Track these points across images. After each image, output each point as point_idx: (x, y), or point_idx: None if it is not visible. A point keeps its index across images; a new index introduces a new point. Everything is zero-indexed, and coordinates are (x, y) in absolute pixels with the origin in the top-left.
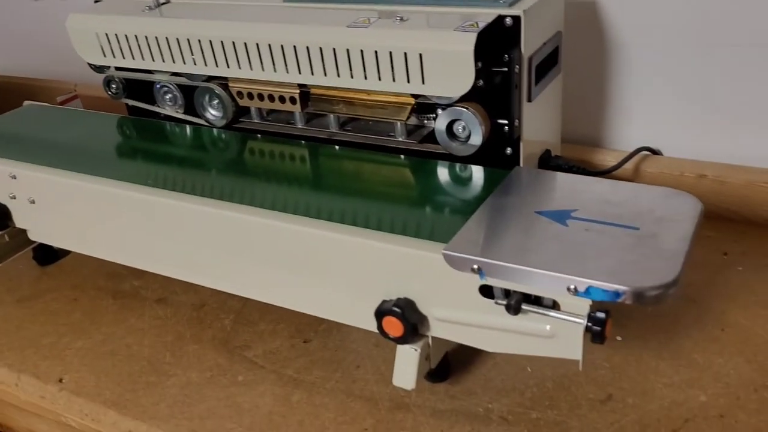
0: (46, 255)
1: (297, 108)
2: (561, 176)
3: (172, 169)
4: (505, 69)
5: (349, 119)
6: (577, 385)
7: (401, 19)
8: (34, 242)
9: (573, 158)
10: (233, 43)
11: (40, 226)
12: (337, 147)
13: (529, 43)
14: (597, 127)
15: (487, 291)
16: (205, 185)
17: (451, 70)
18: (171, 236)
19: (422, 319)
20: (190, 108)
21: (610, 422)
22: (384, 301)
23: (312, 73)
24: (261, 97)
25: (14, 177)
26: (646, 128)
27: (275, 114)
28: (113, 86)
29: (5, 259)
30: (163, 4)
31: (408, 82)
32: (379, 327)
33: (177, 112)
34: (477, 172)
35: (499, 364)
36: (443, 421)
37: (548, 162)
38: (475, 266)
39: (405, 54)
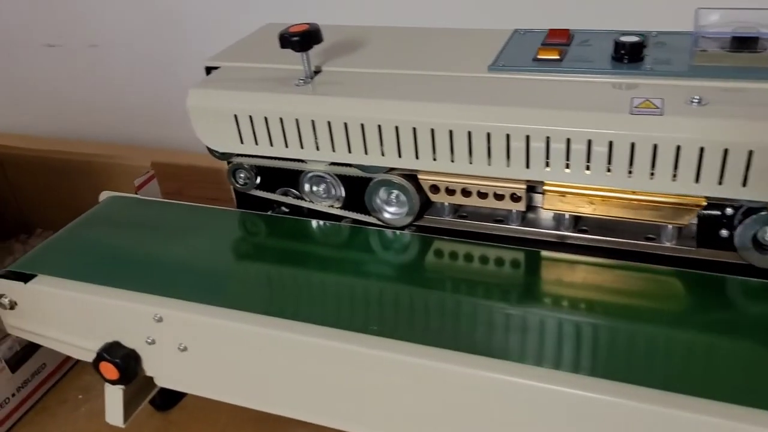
0: (167, 398)
1: (520, 206)
2: None
3: (363, 293)
4: None
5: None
6: None
7: (699, 101)
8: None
9: None
10: (450, 132)
11: (178, 373)
12: (569, 255)
13: None
14: None
15: None
16: (414, 320)
17: None
18: (375, 392)
19: None
20: (352, 202)
21: None
22: None
23: (567, 168)
24: (466, 193)
25: (160, 319)
26: None
27: (472, 209)
28: (241, 176)
29: (131, 413)
30: (317, 73)
31: (720, 183)
32: None
33: (332, 207)
34: None
35: None
36: None
37: None
38: None
39: (725, 150)
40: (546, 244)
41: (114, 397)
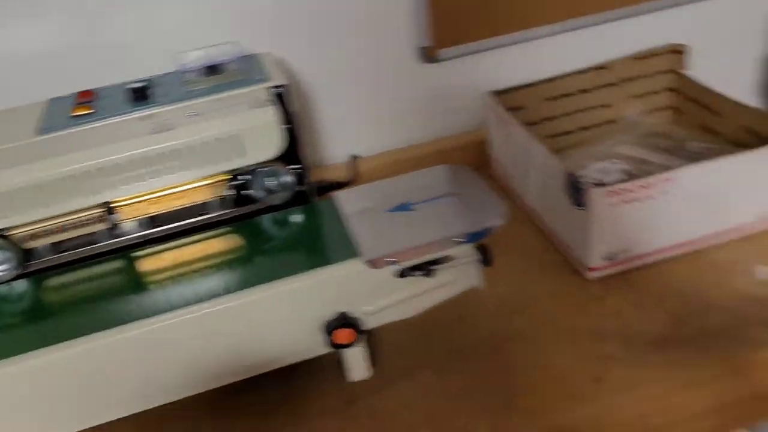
0: None
1: (107, 224)
2: (367, 187)
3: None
4: (290, 125)
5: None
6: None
7: (195, 114)
8: None
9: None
10: (27, 189)
11: None
12: (160, 246)
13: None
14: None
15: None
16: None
17: (265, 138)
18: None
19: (358, 321)
20: None
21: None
22: (327, 322)
23: (128, 185)
24: (63, 228)
25: None
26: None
27: (69, 241)
28: None
29: None
30: None
31: (231, 160)
32: (332, 342)
33: None
34: (301, 212)
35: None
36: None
37: (322, 185)
38: (391, 259)
39: (218, 140)
40: (136, 245)
41: None
